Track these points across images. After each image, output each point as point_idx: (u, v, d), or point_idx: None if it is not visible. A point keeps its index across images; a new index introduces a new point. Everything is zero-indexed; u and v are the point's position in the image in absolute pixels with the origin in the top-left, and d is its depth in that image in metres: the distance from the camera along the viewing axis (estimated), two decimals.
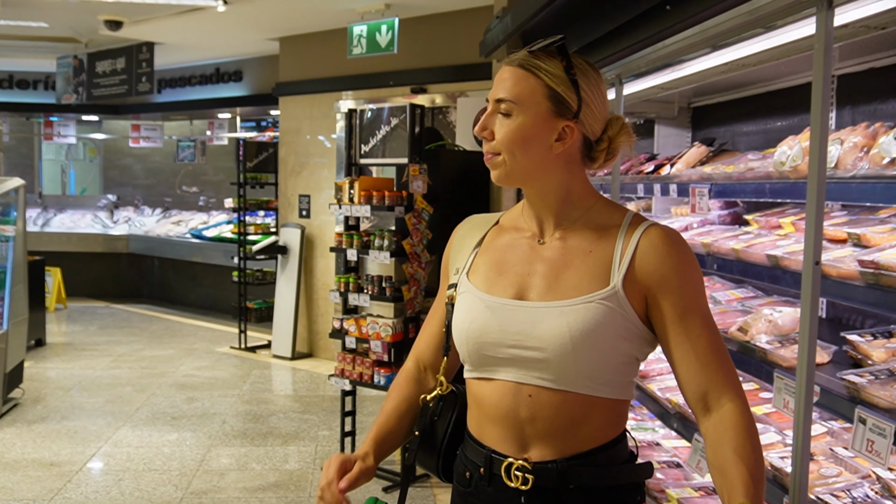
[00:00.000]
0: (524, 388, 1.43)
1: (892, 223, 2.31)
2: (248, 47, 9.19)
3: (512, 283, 1.48)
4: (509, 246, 1.55)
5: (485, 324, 1.46)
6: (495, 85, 1.49)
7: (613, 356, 1.41)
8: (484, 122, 1.49)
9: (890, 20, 2.09)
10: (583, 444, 1.44)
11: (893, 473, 2.07)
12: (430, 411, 1.61)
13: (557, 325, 1.39)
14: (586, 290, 1.41)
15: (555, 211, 1.51)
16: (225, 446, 5.29)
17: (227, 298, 9.43)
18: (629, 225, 1.47)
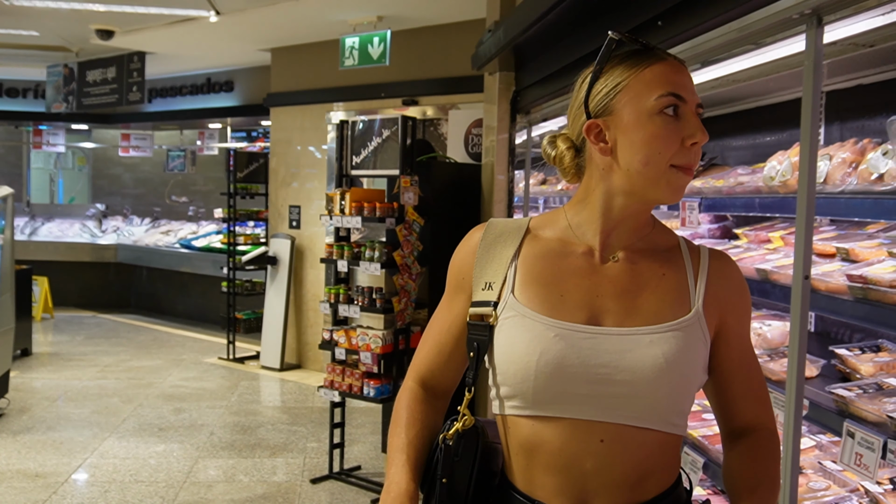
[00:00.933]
0: (596, 430, 1.24)
1: (880, 238, 2.33)
2: (239, 58, 9.19)
3: (579, 306, 1.29)
4: (559, 260, 1.35)
5: (560, 356, 1.25)
6: (687, 87, 1.29)
7: (694, 386, 1.31)
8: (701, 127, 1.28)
9: (878, 38, 2.11)
10: (649, 491, 1.29)
11: (882, 487, 2.09)
12: (451, 451, 1.35)
13: (651, 354, 1.24)
14: (669, 315, 1.28)
15: (635, 230, 1.35)
16: (212, 458, 5.26)
17: (215, 309, 9.38)
18: (689, 247, 1.39)
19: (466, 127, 6.74)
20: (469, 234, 1.45)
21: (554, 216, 1.43)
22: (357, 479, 4.92)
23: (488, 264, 1.38)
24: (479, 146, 6.40)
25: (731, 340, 1.35)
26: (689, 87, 1.28)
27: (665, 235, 1.40)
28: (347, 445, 5.31)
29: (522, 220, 1.45)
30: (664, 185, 1.27)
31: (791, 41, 2.17)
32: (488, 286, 1.36)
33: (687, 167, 1.26)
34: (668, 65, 1.28)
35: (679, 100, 1.26)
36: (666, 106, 1.26)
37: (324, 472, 4.97)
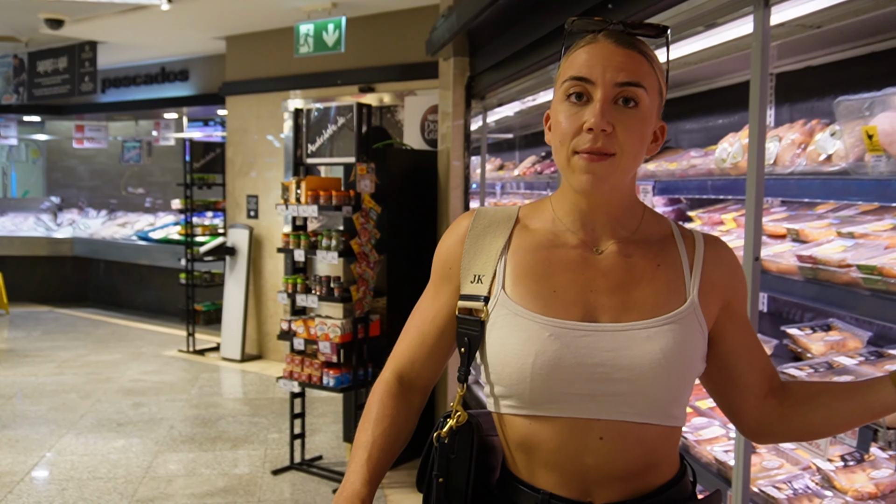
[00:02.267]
0: (595, 428, 1.22)
1: (829, 218, 2.35)
2: (193, 46, 9.03)
3: (573, 301, 1.25)
4: (551, 253, 1.30)
5: (556, 356, 1.21)
6: (603, 65, 1.20)
7: (692, 377, 1.29)
8: (606, 111, 1.19)
9: (825, 19, 2.12)
10: (651, 482, 1.27)
11: (833, 465, 2.11)
12: (446, 449, 1.31)
13: (649, 349, 1.21)
14: (665, 308, 1.25)
15: (616, 220, 1.31)
16: (173, 452, 5.18)
17: (174, 301, 9.26)
18: (681, 234, 1.35)
19: (423, 113, 6.70)
20: (456, 223, 1.40)
21: (541, 206, 1.38)
22: (318, 469, 4.89)
23: (477, 256, 1.34)
24: (436, 132, 6.36)
25: (738, 321, 1.34)
26: (606, 68, 1.20)
27: (657, 224, 1.36)
28: (309, 435, 5.27)
29: (511, 208, 1.40)
30: (572, 172, 1.23)
31: (740, 23, 2.18)
32: (478, 279, 1.32)
33: (585, 152, 1.20)
34: (594, 47, 1.23)
35: (584, 82, 1.21)
36: (570, 91, 1.22)
37: (285, 464, 4.93)
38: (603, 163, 1.20)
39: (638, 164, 1.27)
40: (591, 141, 1.19)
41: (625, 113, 1.20)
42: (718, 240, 1.37)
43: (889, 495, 2.01)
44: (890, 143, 1.78)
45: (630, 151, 1.21)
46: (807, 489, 2.08)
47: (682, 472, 1.34)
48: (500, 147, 6.58)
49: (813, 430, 1.36)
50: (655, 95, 1.25)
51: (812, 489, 2.08)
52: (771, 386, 1.36)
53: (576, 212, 1.31)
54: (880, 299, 1.74)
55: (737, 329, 1.34)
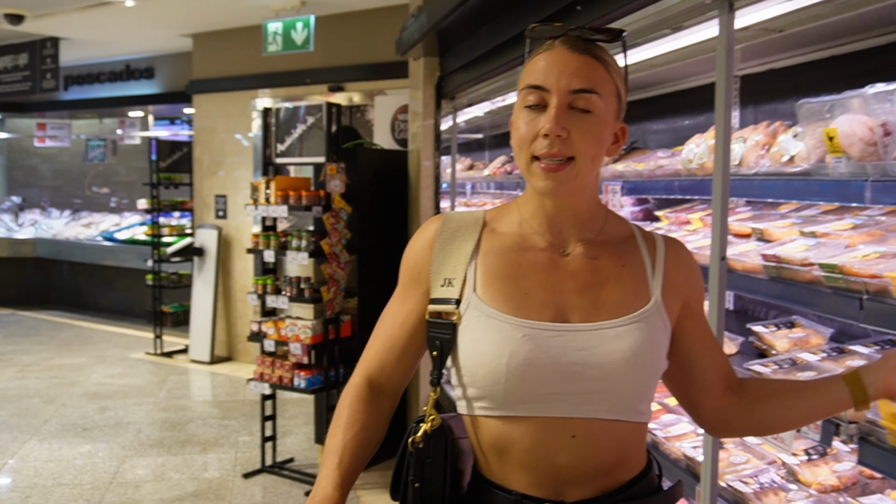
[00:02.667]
0: (568, 426, 1.25)
1: (792, 218, 2.40)
2: (159, 44, 8.94)
3: (544, 303, 1.28)
4: (520, 256, 1.33)
5: (530, 356, 1.24)
6: (557, 72, 1.24)
7: (658, 373, 1.34)
8: (560, 117, 1.23)
9: (787, 23, 2.17)
10: (621, 477, 1.31)
11: (797, 459, 2.16)
12: (421, 454, 1.32)
13: (619, 347, 1.25)
14: (632, 307, 1.29)
15: (581, 222, 1.35)
16: (140, 456, 5.14)
17: (141, 303, 9.16)
18: (642, 236, 1.40)
19: (393, 113, 6.70)
20: (423, 227, 1.42)
21: (507, 209, 1.41)
22: (290, 471, 4.88)
23: (447, 259, 1.35)
24: (406, 132, 6.37)
25: (697, 319, 1.39)
26: (562, 75, 1.24)
27: (619, 226, 1.40)
28: (280, 438, 5.25)
29: (478, 212, 1.42)
30: (532, 177, 1.28)
31: (705, 26, 2.21)
32: (448, 282, 1.33)
33: (544, 157, 1.24)
34: (550, 54, 1.27)
35: (540, 91, 1.25)
36: (527, 101, 1.27)
37: (256, 466, 4.91)
38: (561, 171, 1.25)
39: (597, 167, 1.31)
40: (548, 146, 1.23)
41: (580, 118, 1.24)
42: (678, 241, 1.43)
43: (851, 487, 2.06)
44: (850, 144, 1.82)
45: (587, 155, 1.25)
46: (773, 483, 2.12)
47: (649, 467, 1.38)
48: (471, 147, 6.60)
49: (771, 425, 1.45)
50: (612, 99, 1.29)
51: (778, 483, 2.12)
52: (729, 383, 1.42)
53: (542, 214, 1.35)
54: (841, 297, 1.78)
55: (696, 327, 1.40)
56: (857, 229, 2.06)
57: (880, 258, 1.78)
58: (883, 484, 2.05)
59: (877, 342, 2.15)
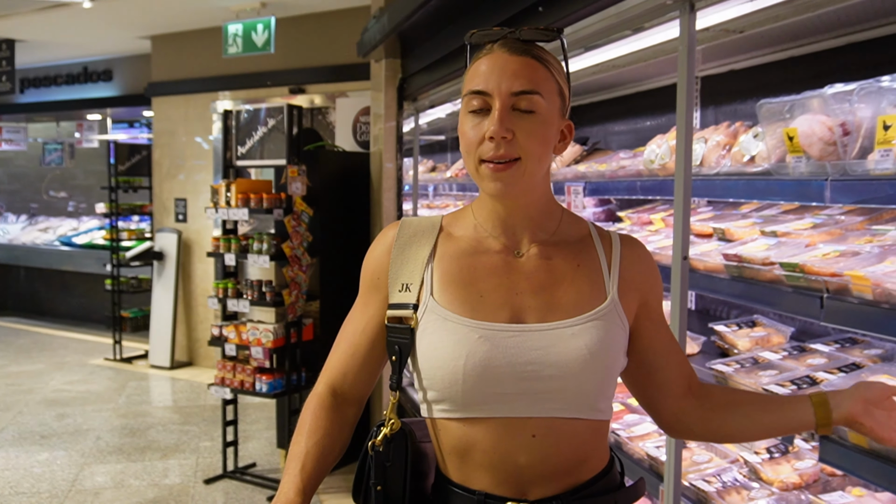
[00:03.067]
0: (528, 426, 1.26)
1: (753, 217, 2.41)
2: (118, 45, 8.80)
3: (500, 304, 1.29)
4: (475, 259, 1.34)
5: (486, 356, 1.24)
6: (498, 76, 1.25)
7: (616, 371, 1.34)
8: (504, 119, 1.24)
9: (747, 24, 2.18)
10: (583, 475, 1.31)
11: (759, 457, 2.17)
12: (381, 457, 1.33)
13: (575, 346, 1.25)
14: (588, 306, 1.29)
15: (535, 222, 1.35)
16: (100, 464, 5.03)
17: (100, 308, 9.00)
18: (598, 235, 1.40)
19: (354, 115, 6.66)
20: (382, 234, 1.43)
21: (463, 214, 1.42)
22: (252, 476, 4.81)
23: (404, 265, 1.36)
24: (368, 134, 6.33)
25: (654, 318, 1.39)
26: (502, 78, 1.25)
27: (575, 225, 1.41)
28: (242, 443, 5.19)
29: (435, 217, 1.43)
30: (482, 180, 1.28)
31: (666, 27, 2.22)
32: (406, 288, 1.34)
33: (490, 160, 1.25)
34: (489, 58, 1.28)
35: (483, 95, 1.26)
36: (471, 105, 1.28)
37: (218, 472, 4.83)
38: (508, 170, 1.25)
39: (545, 166, 1.31)
40: (494, 149, 1.24)
41: (523, 119, 1.25)
42: (634, 239, 1.42)
43: (812, 485, 2.07)
44: (809, 144, 1.83)
45: (533, 154, 1.26)
46: (735, 481, 2.13)
47: (611, 464, 1.38)
48: (433, 149, 6.58)
49: (730, 435, 1.45)
50: (555, 98, 1.29)
51: (740, 481, 2.13)
52: (689, 386, 1.42)
53: (495, 217, 1.36)
54: (802, 295, 1.79)
55: (653, 326, 1.39)
56: (817, 228, 2.08)
57: (840, 257, 1.79)
58: (844, 481, 2.07)
59: (837, 340, 2.17)
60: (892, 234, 1.85)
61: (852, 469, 1.62)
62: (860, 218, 2.08)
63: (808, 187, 1.87)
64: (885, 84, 1.70)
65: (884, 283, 1.57)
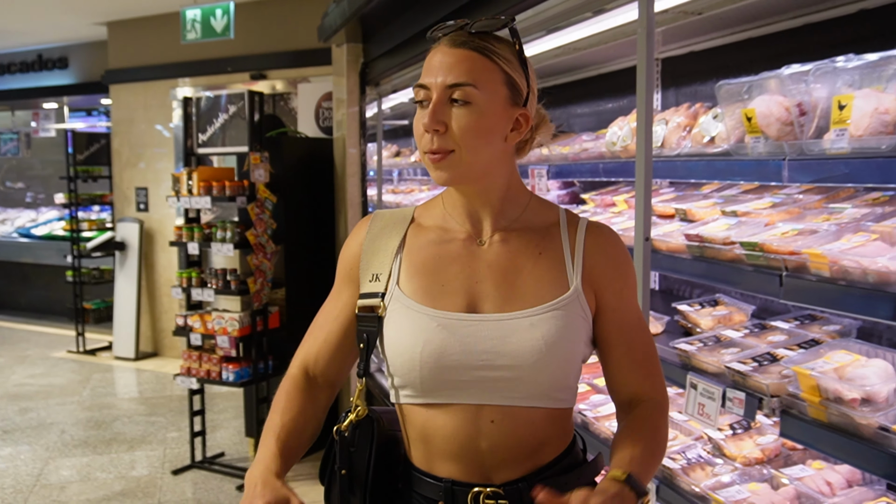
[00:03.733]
0: (486, 413, 1.27)
1: (714, 198, 2.44)
2: (73, 32, 8.62)
3: (459, 294, 1.31)
4: (440, 249, 1.36)
5: (443, 345, 1.27)
6: (437, 69, 1.28)
7: (576, 362, 1.33)
8: (437, 112, 1.26)
9: (705, 6, 2.20)
10: (545, 457, 1.33)
11: (723, 434, 2.21)
12: (346, 442, 1.36)
13: (531, 337, 1.26)
14: (548, 296, 1.30)
15: (496, 210, 1.36)
16: (65, 457, 4.97)
17: (61, 300, 8.86)
18: (567, 222, 1.38)
19: (317, 100, 6.61)
20: (357, 227, 1.47)
21: (434, 203, 1.44)
22: (221, 465, 4.79)
23: (374, 256, 1.40)
24: (331, 120, 6.29)
25: (609, 314, 1.35)
26: (438, 73, 1.27)
27: (543, 213, 1.40)
28: (209, 432, 5.15)
29: (407, 209, 1.46)
30: (428, 168, 1.32)
31: (626, 9, 2.23)
32: (375, 278, 1.38)
33: (428, 152, 1.29)
34: (434, 53, 1.31)
35: (424, 89, 1.29)
36: (416, 97, 1.31)
37: (185, 463, 4.80)
38: (445, 160, 1.28)
39: (487, 156, 1.30)
40: (429, 142, 1.28)
41: (458, 110, 1.26)
42: (602, 228, 1.40)
43: (774, 459, 2.11)
44: (767, 124, 1.86)
45: (468, 146, 1.26)
46: (699, 458, 2.16)
47: (573, 443, 1.40)
48: (397, 133, 6.56)
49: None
50: (499, 87, 1.29)
51: (704, 458, 2.16)
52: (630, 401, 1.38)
53: (459, 205, 1.38)
54: (762, 274, 1.82)
55: (608, 322, 1.35)
56: (776, 207, 2.11)
57: (798, 235, 1.82)
58: (804, 454, 2.11)
59: (797, 317, 2.21)
60: (849, 213, 1.89)
61: (812, 443, 1.66)
62: (817, 197, 2.11)
63: (767, 167, 1.89)
64: (840, 64, 1.72)
65: (840, 260, 1.60)
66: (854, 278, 1.58)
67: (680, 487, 2.06)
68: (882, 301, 1.51)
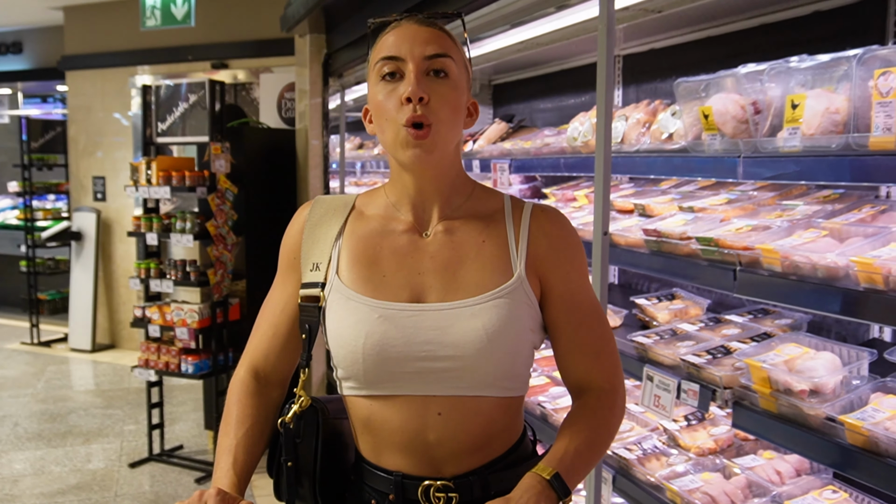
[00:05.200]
0: (432, 404, 1.26)
1: (672, 194, 2.48)
2: (27, 16, 8.44)
3: (401, 285, 1.29)
4: (382, 239, 1.34)
5: (384, 336, 1.25)
6: (410, 42, 1.25)
7: (524, 350, 1.30)
8: (420, 81, 1.23)
9: (665, 4, 2.23)
10: (496, 449, 1.31)
11: (678, 425, 2.25)
12: (291, 434, 1.34)
13: (472, 327, 1.24)
14: (490, 284, 1.28)
15: (444, 198, 1.34)
16: (18, 451, 4.89)
17: (15, 291, 8.69)
18: (512, 208, 1.37)
19: (279, 91, 6.56)
20: (297, 213, 1.43)
21: (376, 193, 1.41)
22: (180, 458, 4.75)
23: (315, 244, 1.37)
24: (293, 111, 6.25)
25: (556, 299, 1.33)
26: (413, 45, 1.25)
27: (487, 200, 1.38)
28: (168, 425, 5.11)
29: (349, 196, 1.43)
30: (401, 146, 1.26)
31: (587, 5, 2.26)
32: (315, 267, 1.35)
33: (409, 122, 1.23)
34: (398, 29, 1.28)
35: (395, 60, 1.25)
36: (383, 71, 1.27)
37: (143, 455, 4.75)
38: (426, 139, 1.24)
39: (456, 136, 1.31)
40: (411, 110, 1.23)
41: (437, 82, 1.25)
42: (548, 211, 1.38)
43: (727, 450, 2.16)
44: (723, 122, 1.90)
45: (446, 120, 1.26)
46: (655, 448, 2.20)
47: (524, 435, 1.39)
48: (360, 126, 6.53)
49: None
50: (463, 69, 1.31)
51: (660, 448, 2.21)
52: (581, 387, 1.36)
53: (405, 195, 1.35)
54: (717, 269, 1.86)
55: (555, 307, 1.34)
56: (731, 204, 2.15)
57: (752, 231, 1.86)
58: (756, 445, 2.16)
59: (750, 311, 2.26)
60: (801, 209, 1.93)
61: (763, 433, 1.71)
62: (771, 194, 2.16)
63: (723, 164, 1.93)
64: (794, 64, 1.76)
65: (792, 255, 1.64)
66: (804, 273, 1.62)
67: (636, 477, 2.10)
68: (831, 296, 1.55)
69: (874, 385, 1.65)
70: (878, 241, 1.59)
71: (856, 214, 1.80)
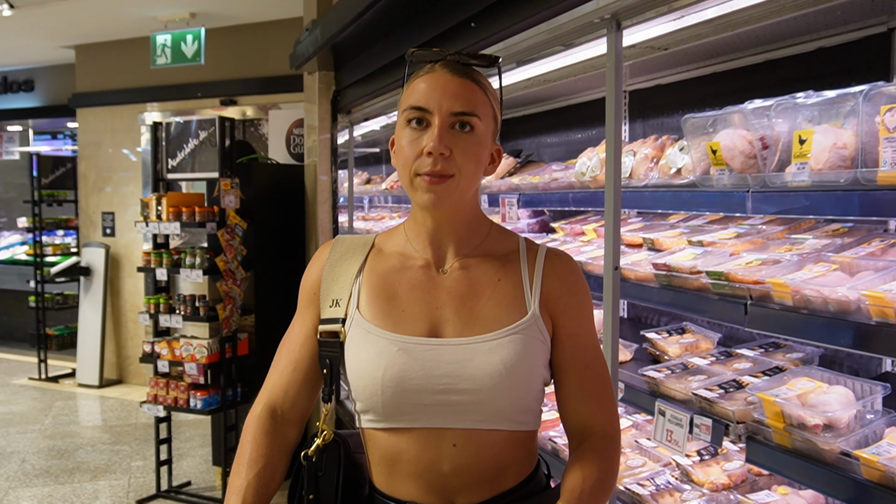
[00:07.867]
0: (448, 436, 1.29)
1: (681, 228, 2.50)
2: (40, 55, 8.56)
3: (420, 319, 1.33)
4: (400, 275, 1.38)
5: (404, 369, 1.28)
6: (440, 94, 1.29)
7: (537, 385, 1.34)
8: (444, 137, 1.27)
9: (671, 42, 2.27)
10: (508, 481, 1.33)
11: (690, 460, 2.24)
12: (314, 467, 1.37)
13: (490, 361, 1.28)
14: (506, 320, 1.32)
15: (460, 238, 1.39)
16: (25, 487, 4.87)
17: (23, 326, 8.71)
18: (527, 250, 1.42)
19: (288, 127, 6.62)
20: (318, 252, 1.48)
21: (396, 231, 1.46)
22: (187, 495, 4.72)
23: (335, 281, 1.40)
24: (302, 146, 6.30)
25: (564, 340, 1.37)
26: (443, 98, 1.28)
27: (503, 240, 1.43)
28: (176, 461, 5.08)
29: (368, 236, 1.47)
30: (416, 191, 1.31)
31: (595, 43, 2.29)
32: (335, 303, 1.38)
33: (426, 174, 1.27)
34: (431, 77, 1.31)
35: (423, 111, 1.29)
36: (410, 118, 1.30)
37: (151, 492, 4.73)
38: (443, 184, 1.28)
39: (476, 185, 1.36)
40: (431, 164, 1.27)
41: (461, 137, 1.29)
42: (561, 255, 1.43)
43: (741, 485, 2.15)
44: (731, 157, 1.91)
45: (467, 173, 1.30)
46: (668, 484, 2.19)
47: (537, 468, 1.41)
48: (368, 161, 6.59)
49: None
50: (489, 121, 1.34)
51: (673, 484, 2.20)
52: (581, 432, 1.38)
53: (423, 233, 1.39)
54: (727, 303, 1.86)
55: (563, 348, 1.37)
56: (740, 238, 2.16)
57: (762, 265, 1.87)
58: (770, 480, 2.15)
59: (761, 345, 2.26)
60: (810, 243, 1.94)
61: (777, 469, 1.70)
62: (780, 227, 2.17)
63: (732, 198, 1.95)
64: (801, 100, 1.78)
65: (802, 289, 1.65)
66: (815, 307, 1.63)
67: None
68: (842, 329, 1.56)
69: (889, 419, 1.64)
70: (889, 274, 1.60)
71: (865, 248, 1.81)
